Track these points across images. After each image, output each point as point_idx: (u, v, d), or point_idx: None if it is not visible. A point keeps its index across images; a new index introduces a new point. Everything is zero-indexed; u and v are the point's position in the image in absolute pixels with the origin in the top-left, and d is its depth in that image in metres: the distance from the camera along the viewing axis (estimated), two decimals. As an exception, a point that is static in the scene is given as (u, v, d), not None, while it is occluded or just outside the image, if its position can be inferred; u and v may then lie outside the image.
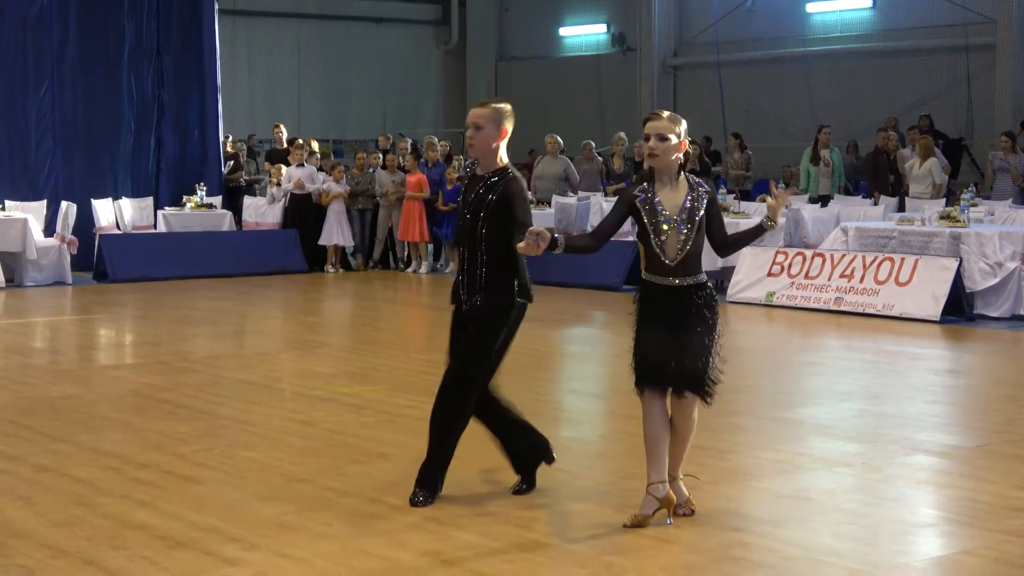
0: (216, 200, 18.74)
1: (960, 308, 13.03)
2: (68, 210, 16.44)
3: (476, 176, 6.01)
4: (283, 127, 20.45)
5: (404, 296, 16.38)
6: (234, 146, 20.57)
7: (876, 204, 17.22)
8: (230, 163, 19.90)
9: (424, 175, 18.17)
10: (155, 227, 18.23)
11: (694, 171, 6.41)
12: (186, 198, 18.57)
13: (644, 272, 5.71)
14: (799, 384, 9.97)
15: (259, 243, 18.26)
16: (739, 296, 14.43)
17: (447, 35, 32.59)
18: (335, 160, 21.19)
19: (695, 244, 5.63)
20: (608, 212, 5.84)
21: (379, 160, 18.89)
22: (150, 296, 15.21)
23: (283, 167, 18.68)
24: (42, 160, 18.05)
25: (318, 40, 30.58)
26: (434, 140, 19.39)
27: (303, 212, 18.35)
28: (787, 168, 21.70)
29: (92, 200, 17.60)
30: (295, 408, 8.45)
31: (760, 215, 15.95)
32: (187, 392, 8.95)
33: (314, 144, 20.25)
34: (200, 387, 9.17)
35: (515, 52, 32.16)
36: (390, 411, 8.30)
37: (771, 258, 14.46)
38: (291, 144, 19.06)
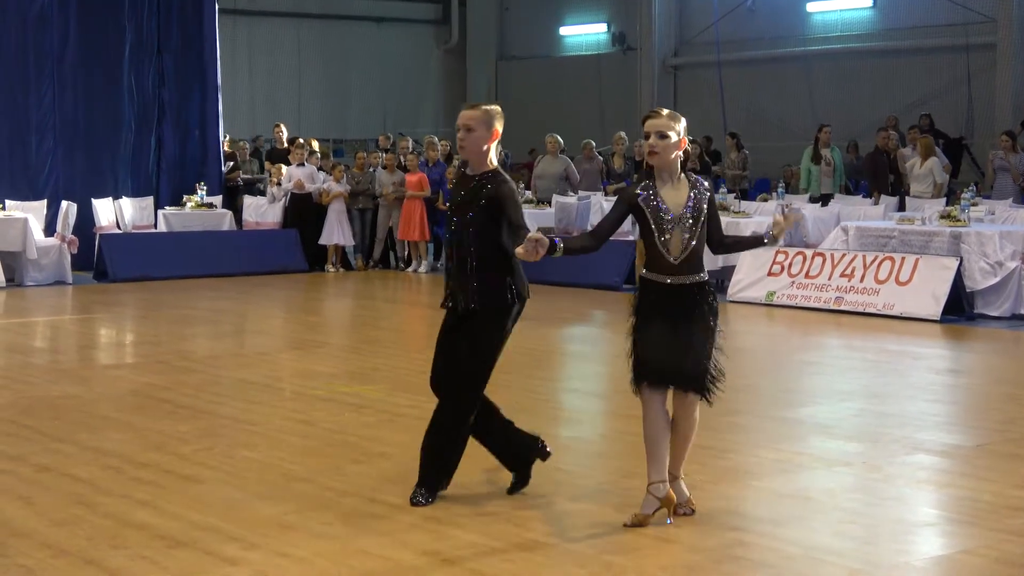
0: (216, 200, 18.74)
1: (960, 307, 13.04)
2: (68, 210, 16.44)
3: (465, 177, 6.01)
4: (283, 127, 20.45)
5: (404, 295, 16.38)
6: (232, 145, 20.56)
7: (876, 203, 17.22)
8: (230, 163, 19.90)
9: (424, 174, 18.18)
10: (155, 227, 18.23)
11: (694, 170, 6.38)
12: (186, 197, 18.57)
13: (644, 271, 5.69)
14: (799, 383, 9.97)
15: (259, 243, 18.26)
16: (739, 295, 14.42)
17: (447, 35, 32.58)
18: (335, 160, 21.20)
19: (699, 242, 5.62)
20: (608, 211, 5.83)
21: (379, 160, 18.90)
22: (150, 296, 15.21)
23: (283, 167, 18.68)
24: (42, 159, 18.04)
25: (318, 40, 30.57)
26: (434, 140, 19.39)
27: (303, 212, 18.35)
28: (787, 167, 21.68)
29: (92, 200, 17.60)
30: (295, 408, 8.45)
31: (760, 215, 16.18)
32: (187, 392, 8.95)
33: (314, 144, 20.26)
34: (200, 387, 9.17)
35: (515, 52, 32.14)
36: (390, 411, 8.30)
37: (771, 257, 14.46)
38: (291, 144, 19.06)
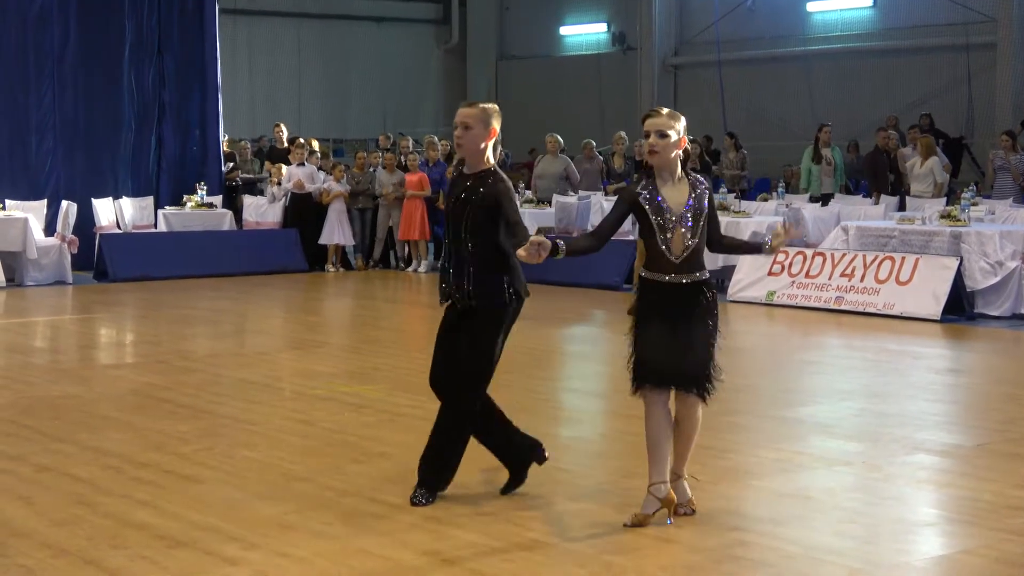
0: (217, 199, 18.74)
1: (961, 307, 13.03)
2: (68, 209, 16.44)
3: (463, 175, 6.00)
4: (283, 126, 20.45)
5: (404, 295, 16.38)
6: (232, 145, 20.56)
7: (877, 203, 17.22)
8: (229, 164, 19.89)
9: (425, 174, 18.18)
10: (155, 226, 18.22)
11: (694, 170, 6.36)
12: (186, 197, 18.56)
13: (644, 271, 5.67)
14: (800, 383, 9.97)
15: (259, 242, 18.25)
16: (739, 295, 14.42)
17: (447, 34, 32.59)
18: (335, 159, 21.19)
19: (700, 241, 5.62)
20: (609, 211, 5.82)
21: (379, 159, 18.89)
22: (150, 295, 15.21)
23: (283, 166, 18.68)
24: (43, 159, 18.04)
25: (319, 39, 30.59)
26: (435, 139, 19.38)
27: (303, 211, 18.35)
28: (788, 167, 21.69)
29: (92, 199, 17.60)
30: (295, 407, 8.44)
31: (760, 214, 16.18)
32: (187, 391, 8.94)
33: (314, 143, 20.26)
34: (200, 386, 9.17)
35: (515, 51, 32.15)
36: (390, 410, 8.30)
37: (771, 257, 14.45)
38: (292, 143, 19.06)
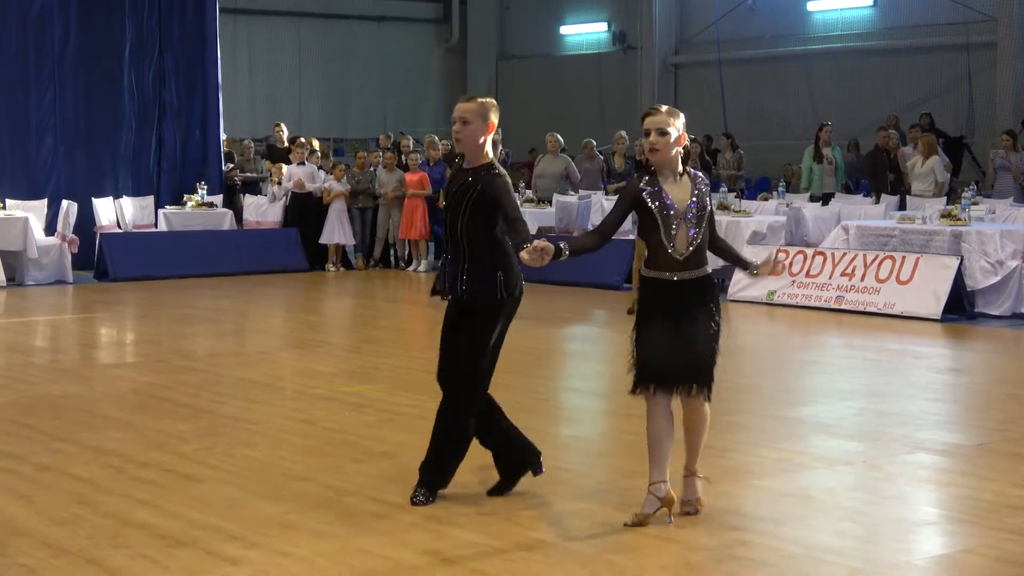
0: (217, 199, 18.74)
1: (961, 306, 13.04)
2: (69, 209, 16.44)
3: (461, 170, 5.99)
4: (284, 126, 20.45)
5: (405, 295, 16.37)
6: (232, 145, 20.54)
7: (877, 203, 17.21)
8: (229, 164, 19.89)
9: (425, 173, 18.18)
10: (156, 226, 18.23)
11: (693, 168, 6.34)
12: (187, 197, 18.57)
13: (645, 269, 5.66)
14: (800, 382, 9.97)
15: (260, 242, 18.25)
16: (740, 295, 14.42)
17: (448, 34, 32.59)
18: (336, 159, 21.19)
19: (703, 238, 5.62)
20: (611, 209, 5.80)
21: (380, 159, 18.89)
22: (151, 295, 15.21)
23: (284, 166, 18.68)
24: (43, 159, 18.04)
25: (319, 39, 30.58)
26: (435, 139, 19.38)
27: (304, 211, 18.35)
28: (788, 167, 21.69)
29: (93, 199, 17.60)
30: (296, 407, 8.44)
31: (760, 214, 16.19)
32: (188, 391, 8.94)
33: (315, 143, 20.26)
34: (201, 386, 9.17)
35: (516, 50, 32.14)
36: (391, 410, 8.30)
37: (772, 257, 14.41)
38: (292, 143, 19.06)
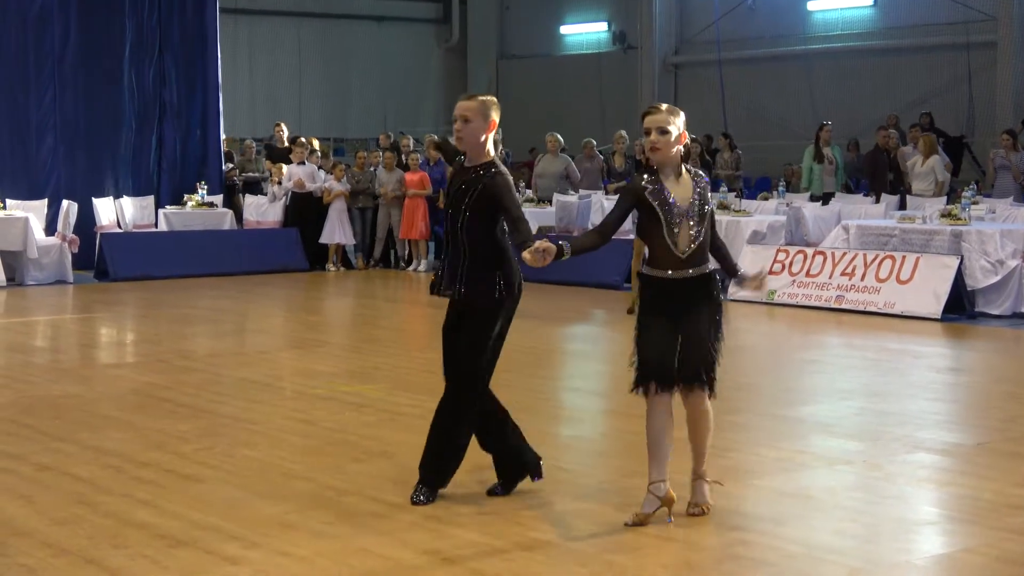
0: (217, 199, 18.74)
1: (961, 306, 13.03)
2: (69, 209, 16.44)
3: (463, 168, 5.98)
4: (284, 126, 20.45)
5: (405, 295, 16.37)
6: (231, 144, 20.54)
7: (877, 202, 17.21)
8: (228, 164, 19.90)
9: (426, 173, 18.18)
10: (156, 226, 18.23)
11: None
12: (187, 196, 18.57)
13: (646, 267, 5.65)
14: (800, 382, 9.97)
15: (260, 242, 18.25)
16: (740, 294, 14.37)
17: (448, 33, 32.59)
18: (336, 159, 21.18)
19: (705, 236, 5.62)
20: (612, 207, 5.79)
21: (380, 159, 18.90)
22: (151, 295, 15.21)
23: (284, 166, 18.68)
24: (43, 159, 18.04)
25: (319, 39, 30.59)
26: (435, 138, 19.37)
27: (304, 211, 18.35)
28: (788, 166, 21.69)
29: (93, 199, 17.61)
30: (296, 407, 8.44)
31: (761, 213, 16.18)
32: (188, 391, 8.94)
33: (315, 143, 20.26)
34: (201, 386, 9.17)
35: (516, 50, 32.15)
36: (391, 410, 8.30)
37: (772, 256, 14.45)
38: (292, 143, 19.06)
